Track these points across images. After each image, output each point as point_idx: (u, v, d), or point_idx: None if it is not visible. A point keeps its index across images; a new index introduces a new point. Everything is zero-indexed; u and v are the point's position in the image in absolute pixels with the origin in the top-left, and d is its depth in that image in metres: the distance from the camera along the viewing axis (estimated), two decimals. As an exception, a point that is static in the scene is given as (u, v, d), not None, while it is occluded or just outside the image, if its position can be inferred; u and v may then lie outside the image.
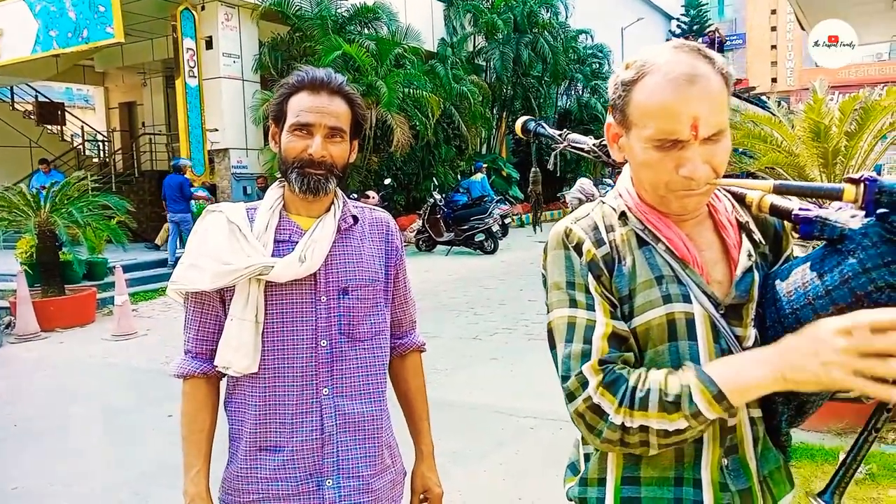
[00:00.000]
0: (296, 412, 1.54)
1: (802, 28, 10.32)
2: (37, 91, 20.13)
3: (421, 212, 15.34)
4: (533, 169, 1.77)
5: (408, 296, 1.81)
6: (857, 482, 3.51)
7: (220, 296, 1.57)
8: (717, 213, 1.22)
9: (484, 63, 22.17)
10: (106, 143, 21.26)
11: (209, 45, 14.96)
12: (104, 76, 21.49)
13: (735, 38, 42.75)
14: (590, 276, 1.15)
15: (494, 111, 22.62)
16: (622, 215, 1.20)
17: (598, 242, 1.18)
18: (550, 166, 1.90)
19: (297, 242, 1.56)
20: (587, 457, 1.25)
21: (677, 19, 37.65)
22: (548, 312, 1.19)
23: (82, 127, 20.87)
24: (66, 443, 4.84)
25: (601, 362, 1.09)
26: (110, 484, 4.09)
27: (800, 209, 1.16)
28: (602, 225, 1.20)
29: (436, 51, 20.21)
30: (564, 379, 1.11)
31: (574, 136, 1.60)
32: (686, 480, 1.14)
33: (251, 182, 15.21)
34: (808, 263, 1.13)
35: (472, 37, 21.71)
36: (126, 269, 9.62)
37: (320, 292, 1.56)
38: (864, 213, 1.08)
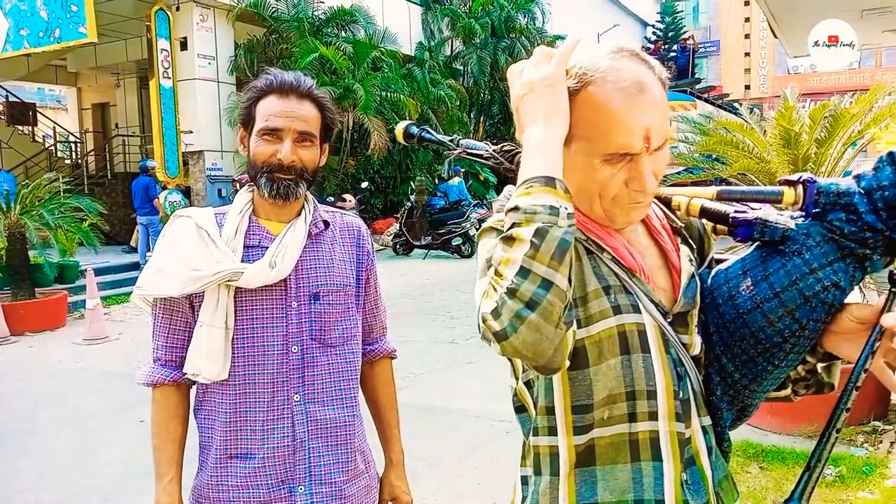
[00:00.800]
0: (267, 419, 1.53)
1: (775, 36, 10.48)
2: (7, 91, 19.79)
3: (398, 215, 15.33)
4: (418, 178, 1.59)
5: (379, 301, 1.80)
6: (828, 485, 3.57)
7: (189, 302, 1.55)
8: (650, 218, 1.18)
9: (461, 67, 22.21)
10: (78, 145, 20.95)
11: (184, 46, 14.83)
12: (77, 76, 21.19)
13: (709, 45, 43.28)
14: None
15: (472, 115, 22.66)
16: None
17: None
18: (445, 174, 1.83)
19: (267, 248, 1.54)
20: (524, 479, 1.16)
21: (652, 26, 38.01)
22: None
23: (54, 128, 20.58)
24: (35, 447, 4.76)
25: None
26: (80, 489, 4.03)
27: (736, 212, 1.13)
28: None
29: (413, 55, 20.21)
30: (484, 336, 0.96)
31: (469, 141, 1.51)
32: (647, 502, 1.07)
33: (226, 184, 15.08)
34: (747, 267, 1.11)
35: (450, 41, 21.75)
36: (98, 272, 9.49)
37: (291, 298, 1.55)
38: (802, 213, 1.09)
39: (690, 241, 1.20)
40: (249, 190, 1.63)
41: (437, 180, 19.26)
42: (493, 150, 1.47)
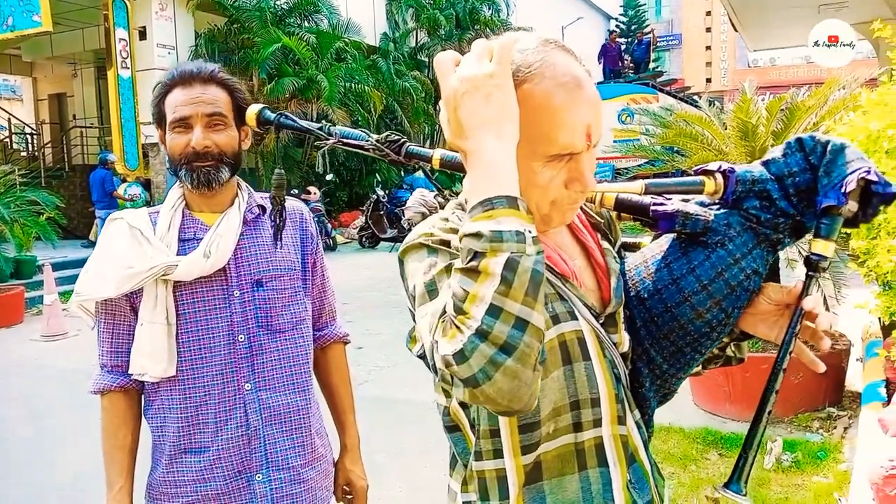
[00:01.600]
0: (219, 410, 1.51)
1: (736, 30, 10.65)
2: (-42, 81, 19.23)
3: (364, 208, 15.25)
4: (277, 170, 1.40)
5: (326, 285, 1.78)
6: (784, 470, 3.66)
7: (129, 303, 1.53)
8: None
9: (427, 59, 22.15)
10: (34, 136, 20.41)
11: (143, 35, 14.52)
12: (32, 66, 20.63)
13: (671, 38, 43.82)
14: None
15: (437, 107, 22.64)
16: None
17: None
18: (319, 168, 1.75)
19: (202, 239, 1.52)
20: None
21: (616, 19, 38.32)
22: (414, 318, 0.97)
23: (9, 119, 20.00)
24: (-10, 448, 4.66)
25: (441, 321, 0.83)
26: (39, 488, 3.96)
27: (655, 205, 1.11)
28: None
29: (378, 46, 20.09)
30: (435, 369, 0.86)
31: (344, 129, 1.36)
32: None
33: (188, 177, 14.85)
34: (669, 260, 1.11)
35: (415, 32, 21.67)
36: (56, 266, 9.27)
37: (232, 287, 1.53)
38: (718, 203, 1.10)
39: (608, 234, 1.19)
40: (181, 185, 1.60)
41: (402, 173, 19.22)
42: (377, 140, 1.35)
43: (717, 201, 1.11)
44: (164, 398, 1.53)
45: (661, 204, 1.12)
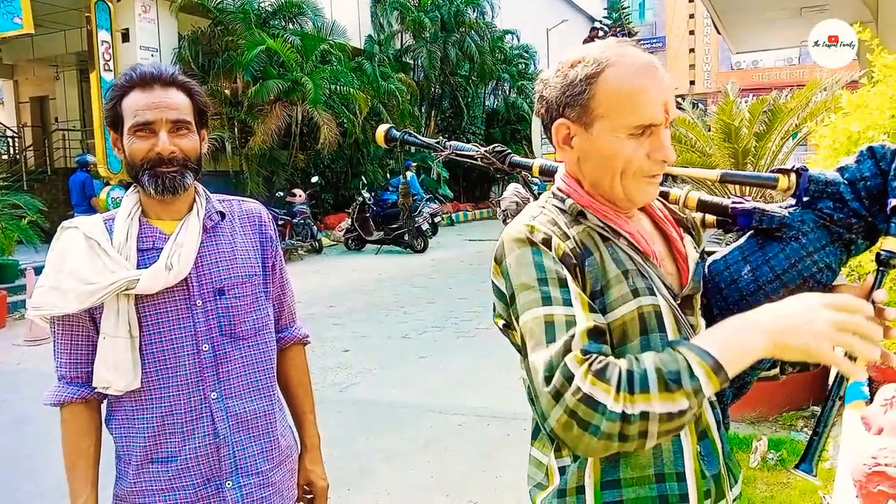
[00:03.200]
0: (186, 420, 1.49)
1: (718, 32, 10.73)
2: (-62, 83, 18.98)
3: (350, 210, 15.21)
4: (403, 179, 1.60)
5: (286, 287, 1.76)
6: (769, 468, 3.68)
7: (89, 315, 1.49)
8: (652, 208, 1.25)
9: (412, 61, 22.16)
10: (16, 140, 20.20)
11: (125, 37, 14.40)
12: (13, 69, 20.40)
13: (655, 41, 44.05)
14: (565, 269, 1.07)
15: (423, 109, 22.64)
16: (580, 214, 1.15)
17: (564, 236, 1.12)
18: (434, 175, 1.83)
19: (161, 249, 1.49)
20: (562, 469, 1.16)
21: (600, 21, 38.51)
22: (518, 320, 1.08)
23: (-10, 122, 19.80)
24: (-28, 455, 4.60)
25: (584, 352, 0.99)
26: (20, 493, 3.93)
27: (734, 203, 1.23)
28: (560, 222, 1.14)
29: (363, 48, 20.06)
30: (548, 380, 0.99)
31: (456, 143, 1.50)
32: (668, 476, 1.12)
33: (172, 180, 14.75)
34: (746, 253, 1.22)
35: (400, 35, 21.67)
36: (38, 270, 9.13)
37: (194, 296, 1.51)
38: (794, 202, 1.20)
39: (691, 231, 1.30)
40: (135, 191, 1.56)
41: (388, 175, 19.20)
42: (485, 151, 1.51)
43: (792, 205, 1.20)
44: (128, 410, 1.50)
45: (740, 202, 1.23)
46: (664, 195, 1.30)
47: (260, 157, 15.86)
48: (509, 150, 1.52)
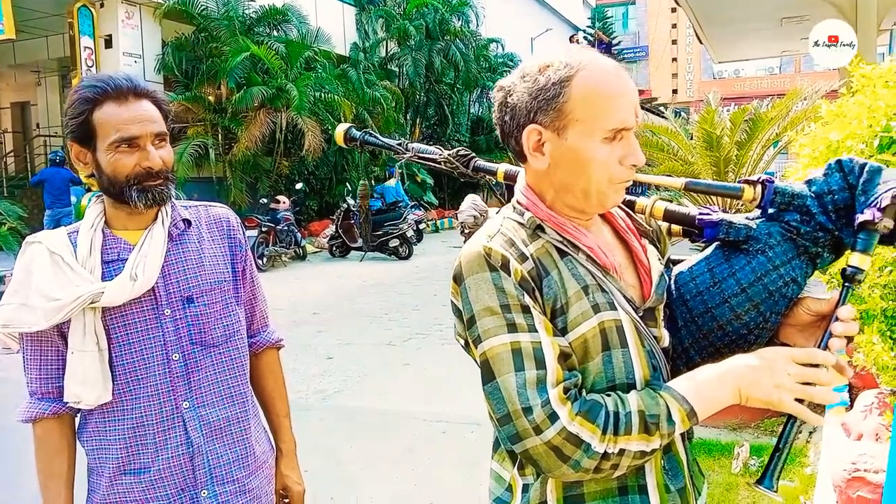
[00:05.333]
0: (158, 431, 1.48)
1: (701, 42, 10.83)
2: (-83, 89, 18.74)
3: (334, 217, 15.16)
4: (361, 181, 1.54)
5: (257, 292, 1.75)
6: (752, 474, 3.71)
7: (58, 329, 1.46)
8: (614, 218, 1.24)
9: (397, 69, 22.16)
10: (-4, 146, 20.01)
11: (108, 43, 14.33)
12: (-6, 74, 20.24)
13: (638, 50, 44.41)
14: (525, 295, 1.08)
15: (408, 117, 22.64)
16: (538, 228, 1.15)
17: (521, 258, 1.11)
18: (393, 182, 1.78)
19: (126, 260, 1.47)
20: (525, 487, 1.17)
21: (584, 31, 38.79)
22: (476, 343, 1.10)
23: (-31, 128, 19.58)
24: (-51, 465, 4.53)
25: (566, 389, 1.04)
26: (-1, 507, 3.86)
27: (701, 214, 1.23)
28: (517, 240, 1.13)
29: (348, 55, 20.06)
30: (526, 411, 1.02)
31: (419, 145, 1.46)
32: (631, 488, 1.13)
33: (155, 186, 14.64)
34: (712, 265, 1.21)
35: (385, 42, 21.68)
36: (18, 278, 9.07)
37: (162, 306, 1.49)
38: (759, 214, 1.20)
39: (656, 243, 1.29)
40: (99, 201, 1.54)
41: (372, 181, 19.17)
42: (448, 155, 1.47)
43: (758, 216, 1.20)
44: (99, 423, 1.49)
45: (707, 213, 1.23)
46: (630, 204, 1.29)
47: (244, 164, 15.78)
48: (474, 154, 1.48)
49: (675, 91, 43.47)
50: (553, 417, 1.01)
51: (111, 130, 1.44)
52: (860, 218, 1.09)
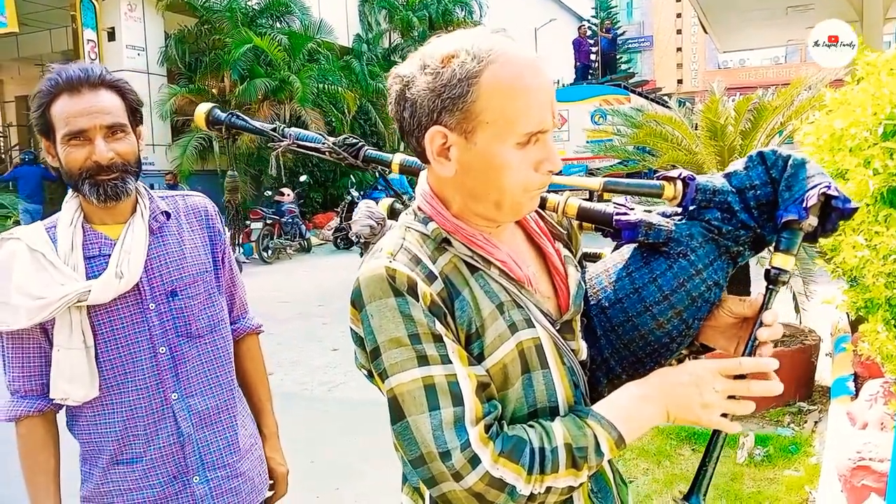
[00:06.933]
0: (149, 423, 1.49)
1: (705, 32, 10.78)
2: (-79, 83, 18.78)
3: (339, 209, 15.17)
4: (230, 172, 1.32)
5: (235, 279, 1.75)
6: (756, 464, 3.71)
7: (40, 326, 1.45)
8: (527, 221, 1.13)
9: (400, 60, 22.05)
10: (1, 139, 20.05)
11: (111, 36, 14.35)
12: (-2, 68, 20.27)
13: (642, 40, 44.26)
14: (436, 321, 0.95)
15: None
16: (445, 241, 1.02)
17: (429, 278, 0.97)
18: (273, 171, 1.64)
19: (108, 255, 1.45)
20: None
21: (588, 20, 38.65)
22: (382, 378, 0.98)
23: (-26, 122, 19.63)
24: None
25: (486, 427, 0.93)
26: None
27: (618, 214, 1.12)
28: (423, 256, 1.00)
29: (351, 47, 20.04)
30: (444, 456, 0.90)
31: (298, 131, 1.31)
32: None
33: (159, 179, 14.67)
34: (631, 269, 1.12)
35: (388, 33, 21.65)
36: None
37: (147, 300, 1.49)
38: (680, 211, 1.13)
39: (569, 244, 1.19)
40: (75, 197, 1.50)
41: (376, 174, 19.12)
42: (333, 143, 1.33)
43: (679, 213, 1.13)
44: (90, 416, 1.49)
45: (625, 214, 1.12)
46: (542, 202, 1.17)
47: (248, 156, 15.80)
48: (363, 143, 1.34)
49: (679, 81, 43.33)
50: (474, 461, 0.90)
51: (62, 124, 1.42)
52: (785, 217, 1.03)
